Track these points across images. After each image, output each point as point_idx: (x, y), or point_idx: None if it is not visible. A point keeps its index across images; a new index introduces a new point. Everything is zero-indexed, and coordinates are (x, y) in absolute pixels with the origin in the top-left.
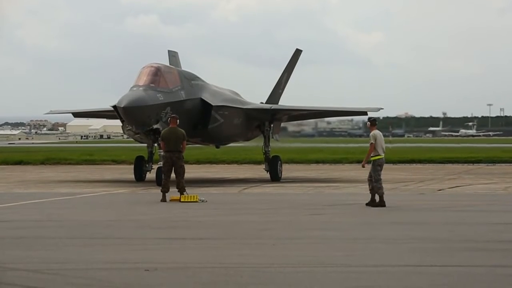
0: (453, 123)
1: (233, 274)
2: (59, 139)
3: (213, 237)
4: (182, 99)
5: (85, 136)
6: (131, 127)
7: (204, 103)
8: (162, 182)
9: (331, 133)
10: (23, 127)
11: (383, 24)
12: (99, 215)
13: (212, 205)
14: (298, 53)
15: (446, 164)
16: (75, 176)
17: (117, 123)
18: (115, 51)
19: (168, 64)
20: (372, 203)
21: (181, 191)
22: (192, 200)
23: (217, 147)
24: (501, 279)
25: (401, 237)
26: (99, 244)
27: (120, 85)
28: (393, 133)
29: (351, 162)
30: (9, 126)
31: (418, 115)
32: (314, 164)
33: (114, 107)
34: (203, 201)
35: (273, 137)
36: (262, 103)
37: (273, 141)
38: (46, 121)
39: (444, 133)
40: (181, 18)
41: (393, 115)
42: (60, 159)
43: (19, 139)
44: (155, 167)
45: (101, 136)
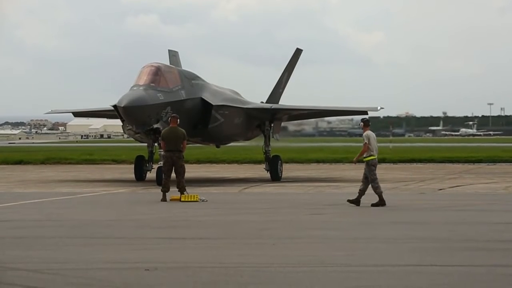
0: (453, 123)
1: (233, 273)
2: (60, 138)
3: (213, 236)
4: (182, 99)
5: (85, 135)
6: (131, 127)
7: (204, 103)
8: (162, 181)
9: (331, 133)
10: (24, 127)
11: (383, 23)
12: (99, 215)
13: (212, 204)
14: (298, 52)
15: (446, 163)
16: (75, 175)
17: (118, 122)
18: (115, 50)
19: (168, 63)
20: (356, 202)
21: (182, 190)
22: (192, 199)
23: (218, 146)
24: (501, 279)
25: (401, 237)
26: (99, 243)
27: (120, 84)
28: (393, 133)
29: (351, 161)
30: (10, 125)
31: (418, 115)
32: (314, 163)
33: (114, 106)
34: (203, 201)
35: (273, 137)
36: (262, 102)
37: (274, 140)
38: (46, 120)
39: (444, 133)
40: (181, 17)
41: (393, 114)
42: (60, 158)
43: (20, 138)
44: (156, 166)
45: (102, 135)
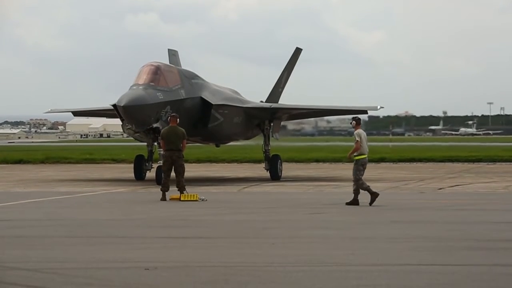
0: (453, 122)
1: (233, 273)
2: (59, 138)
3: (213, 236)
4: (182, 98)
5: (85, 135)
6: (131, 126)
7: (204, 102)
8: (162, 181)
9: (331, 132)
10: (23, 126)
11: (383, 23)
12: (99, 214)
13: (212, 204)
14: (298, 51)
15: (446, 162)
16: (75, 175)
17: (117, 122)
18: (115, 49)
19: (168, 62)
20: (355, 202)
21: (181, 190)
22: (192, 199)
23: (217, 146)
24: (501, 278)
25: (401, 236)
26: (99, 243)
27: (120, 84)
28: (393, 132)
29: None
30: (9, 125)
31: (418, 114)
32: (314, 163)
33: (114, 106)
34: (203, 200)
35: (273, 136)
36: (262, 101)
37: (273, 140)
38: (46, 120)
39: (444, 132)
40: (181, 16)
41: (393, 114)
42: (60, 158)
43: (19, 138)
44: (155, 166)
45: (101, 135)
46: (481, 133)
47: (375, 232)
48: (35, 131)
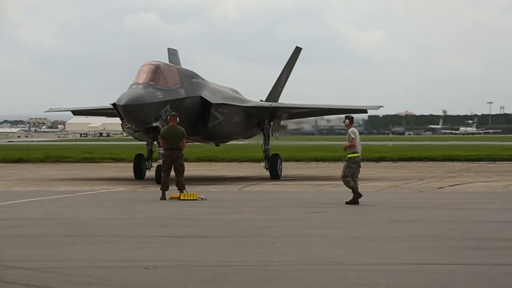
0: (453, 121)
1: (232, 272)
2: (59, 137)
3: (213, 235)
4: (181, 97)
5: (84, 134)
6: (130, 125)
7: (203, 101)
8: (161, 180)
9: (330, 131)
10: (23, 125)
11: (383, 22)
12: (98, 213)
13: (211, 203)
14: (298, 51)
15: (446, 162)
16: (74, 174)
17: (117, 121)
18: (114, 49)
19: (167, 62)
20: (353, 202)
21: (181, 189)
22: (191, 198)
23: (217, 145)
24: (501, 277)
25: (401, 235)
26: (98, 242)
27: (119, 83)
28: (393, 131)
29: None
30: (8, 124)
31: (418, 113)
32: (314, 162)
33: (113, 105)
34: (202, 199)
35: (272, 135)
36: (262, 101)
37: (273, 139)
38: (45, 119)
39: (444, 131)
40: (181, 16)
41: (393, 113)
42: (59, 157)
43: (19, 137)
44: (155, 165)
45: (101, 134)
46: (481, 132)
47: (375, 231)
48: (35, 130)
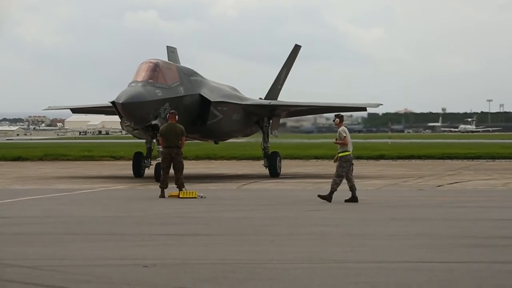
0: (452, 119)
1: (232, 270)
2: (58, 135)
3: (212, 233)
4: (180, 95)
5: (83, 132)
6: (129, 123)
7: (203, 99)
8: (160, 178)
9: (330, 129)
10: (22, 123)
11: (383, 20)
12: (97, 211)
13: (210, 201)
14: (297, 48)
15: (445, 160)
16: (73, 172)
17: (116, 119)
18: (113, 46)
19: (167, 60)
20: (353, 199)
21: (180, 187)
22: (191, 196)
23: (216, 143)
24: (500, 275)
25: (400, 233)
26: (97, 240)
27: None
28: (392, 129)
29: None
30: (7, 122)
31: (417, 111)
32: (313, 160)
33: (112, 103)
34: (202, 197)
35: (271, 133)
36: (261, 98)
37: (272, 137)
38: (44, 117)
39: (443, 129)
40: (180, 13)
41: (392, 111)
42: (58, 155)
43: (18, 135)
44: (154, 163)
45: (100, 132)
46: (480, 130)
47: (374, 229)
48: (34, 128)
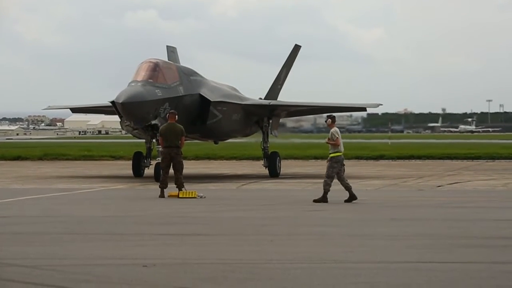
0: (452, 119)
1: (231, 270)
2: (57, 134)
3: (212, 233)
4: (180, 95)
5: (83, 131)
6: (129, 123)
7: (202, 99)
8: (160, 178)
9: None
10: (21, 123)
11: (383, 20)
12: (97, 211)
13: (210, 201)
14: (297, 48)
15: (445, 160)
16: (73, 171)
17: (115, 118)
18: (113, 46)
19: (166, 59)
20: (352, 197)
21: (180, 187)
22: (190, 196)
23: (216, 143)
24: (500, 276)
25: (400, 234)
26: (97, 239)
27: (118, 80)
28: (392, 129)
29: (350, 158)
30: (7, 121)
31: (417, 111)
32: (312, 160)
33: (112, 102)
34: (201, 197)
35: (271, 133)
36: (261, 98)
37: (272, 137)
38: (44, 116)
39: (443, 129)
40: (180, 13)
41: (392, 111)
42: (58, 154)
43: (17, 134)
44: (154, 163)
45: (99, 131)
46: (480, 130)
47: (374, 229)
48: (33, 128)
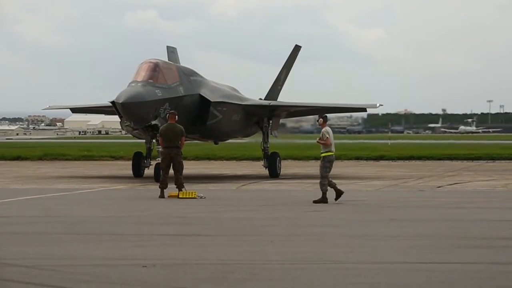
0: (452, 120)
1: (231, 270)
2: (57, 134)
3: (212, 233)
4: (180, 95)
5: (83, 132)
6: (129, 123)
7: (202, 99)
8: (160, 178)
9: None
10: (21, 123)
11: (383, 20)
12: (97, 211)
13: (210, 201)
14: (297, 49)
15: (445, 160)
16: (73, 172)
17: (116, 119)
18: (113, 46)
19: (166, 59)
20: (339, 194)
21: (180, 187)
22: (190, 196)
23: (216, 143)
24: (500, 276)
25: (400, 234)
26: (96, 240)
27: (118, 80)
28: (392, 130)
29: (350, 158)
30: (7, 121)
31: (417, 112)
32: (312, 160)
33: (112, 102)
34: (201, 198)
35: (271, 133)
36: (261, 99)
37: (272, 137)
38: (44, 116)
39: (443, 130)
40: (180, 13)
41: (392, 111)
42: (58, 154)
43: (17, 134)
44: (154, 163)
45: (99, 132)
46: (480, 131)
47: (374, 230)
48: (33, 128)
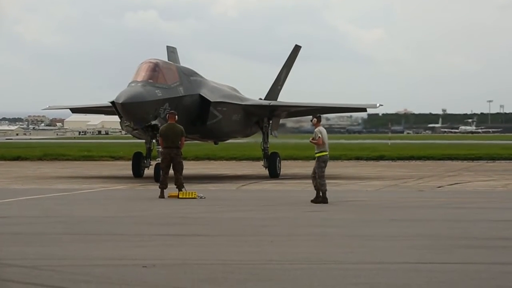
0: (452, 120)
1: (231, 270)
2: (57, 135)
3: (211, 233)
4: (180, 95)
5: (83, 132)
6: (129, 123)
7: (202, 99)
8: (160, 178)
9: (330, 130)
10: (21, 123)
11: (383, 20)
12: (97, 211)
13: (210, 201)
14: (297, 49)
15: (445, 161)
16: (73, 172)
17: (115, 119)
18: (113, 46)
19: (166, 59)
20: (316, 199)
21: (180, 187)
22: (190, 196)
23: (216, 143)
24: (500, 276)
25: (400, 234)
26: (96, 240)
27: (118, 80)
28: (392, 130)
29: (350, 158)
30: (7, 121)
31: (417, 112)
32: (312, 160)
33: (112, 103)
34: (201, 198)
35: (271, 134)
36: (261, 99)
37: (272, 137)
38: (44, 116)
39: (443, 130)
40: (181, 13)
41: (392, 111)
42: (58, 155)
43: (17, 134)
44: (153, 163)
45: (99, 132)
46: (480, 131)
47: (374, 230)
48: (33, 128)
